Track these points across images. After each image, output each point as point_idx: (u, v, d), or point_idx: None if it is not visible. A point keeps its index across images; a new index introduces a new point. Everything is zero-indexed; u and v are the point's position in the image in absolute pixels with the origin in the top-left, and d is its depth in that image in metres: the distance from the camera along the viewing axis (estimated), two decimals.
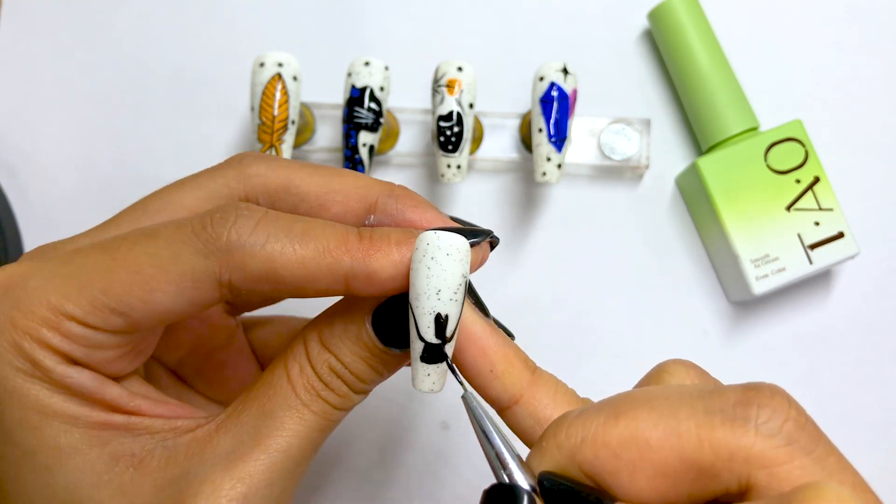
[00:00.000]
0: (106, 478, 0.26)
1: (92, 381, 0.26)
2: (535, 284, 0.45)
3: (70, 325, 0.25)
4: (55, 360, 0.25)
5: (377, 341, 0.27)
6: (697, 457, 0.21)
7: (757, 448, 0.21)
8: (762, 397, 0.21)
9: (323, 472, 0.44)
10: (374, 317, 0.27)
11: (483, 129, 0.45)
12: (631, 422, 0.22)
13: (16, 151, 0.46)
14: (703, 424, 0.21)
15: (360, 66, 0.39)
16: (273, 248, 0.25)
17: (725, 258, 0.43)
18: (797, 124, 0.43)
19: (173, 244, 0.25)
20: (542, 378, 0.27)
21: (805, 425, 0.21)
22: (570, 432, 0.23)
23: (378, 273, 0.25)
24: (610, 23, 0.47)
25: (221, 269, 0.25)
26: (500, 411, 0.27)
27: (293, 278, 0.25)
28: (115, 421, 0.26)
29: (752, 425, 0.21)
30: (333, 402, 0.27)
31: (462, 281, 0.25)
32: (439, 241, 0.25)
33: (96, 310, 0.25)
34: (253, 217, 0.26)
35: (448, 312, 0.25)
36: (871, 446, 0.44)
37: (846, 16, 0.47)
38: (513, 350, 0.27)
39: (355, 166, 0.39)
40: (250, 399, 0.27)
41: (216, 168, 0.30)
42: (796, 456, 0.21)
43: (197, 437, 0.27)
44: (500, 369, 0.27)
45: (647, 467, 0.22)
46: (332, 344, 0.27)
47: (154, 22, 0.47)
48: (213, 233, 0.25)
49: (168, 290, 0.25)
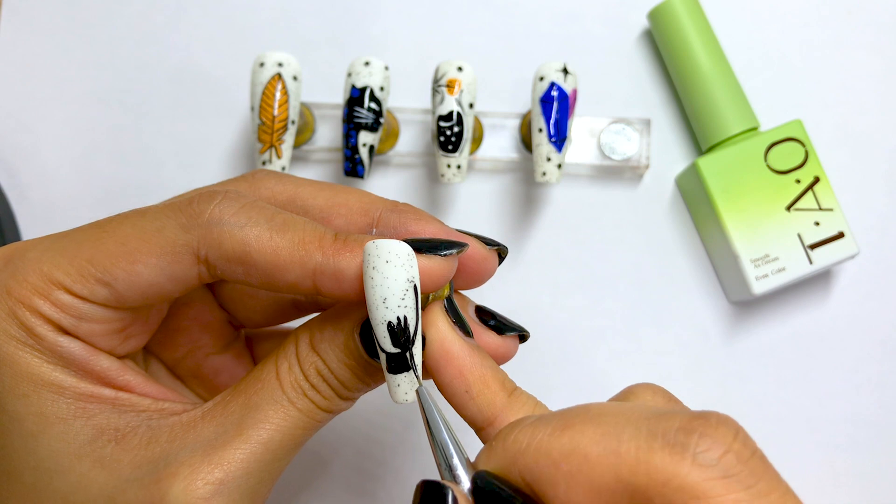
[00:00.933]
0: (88, 449, 0.26)
1: (82, 350, 0.27)
2: (534, 284, 0.45)
3: (60, 293, 0.26)
4: (46, 328, 0.26)
5: (363, 351, 0.27)
6: (633, 479, 0.21)
7: (691, 477, 0.20)
8: (706, 426, 0.21)
9: (316, 472, 0.44)
10: (363, 328, 0.27)
11: (483, 129, 0.45)
12: (575, 435, 0.22)
13: (16, 151, 0.46)
14: (642, 448, 0.21)
15: (360, 66, 0.39)
16: (251, 231, 0.26)
17: (725, 258, 0.43)
18: (797, 124, 0.43)
19: (159, 218, 0.26)
20: (518, 400, 0.27)
21: (749, 459, 0.21)
22: (518, 437, 0.23)
23: (344, 272, 0.26)
24: (610, 23, 0.47)
25: (200, 244, 0.26)
26: (477, 431, 0.27)
27: (264, 264, 0.26)
28: (103, 394, 0.27)
29: (689, 453, 0.21)
30: (319, 402, 0.28)
31: (408, 286, 0.25)
32: (378, 250, 0.25)
33: (83, 279, 0.26)
34: (238, 201, 0.27)
35: (399, 319, 0.25)
36: (870, 446, 0.44)
37: (846, 16, 0.47)
38: (490, 371, 0.27)
39: (355, 166, 0.39)
40: (238, 391, 0.28)
41: (233, 178, 0.31)
42: (732, 489, 0.20)
43: (182, 421, 0.27)
44: (476, 390, 0.27)
45: (584, 482, 0.22)
46: (320, 348, 0.28)
47: (154, 22, 0.47)
48: (196, 209, 0.26)
49: (149, 261, 0.26)
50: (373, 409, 0.44)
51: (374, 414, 0.44)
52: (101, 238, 0.26)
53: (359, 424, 0.44)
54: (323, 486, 0.44)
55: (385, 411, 0.44)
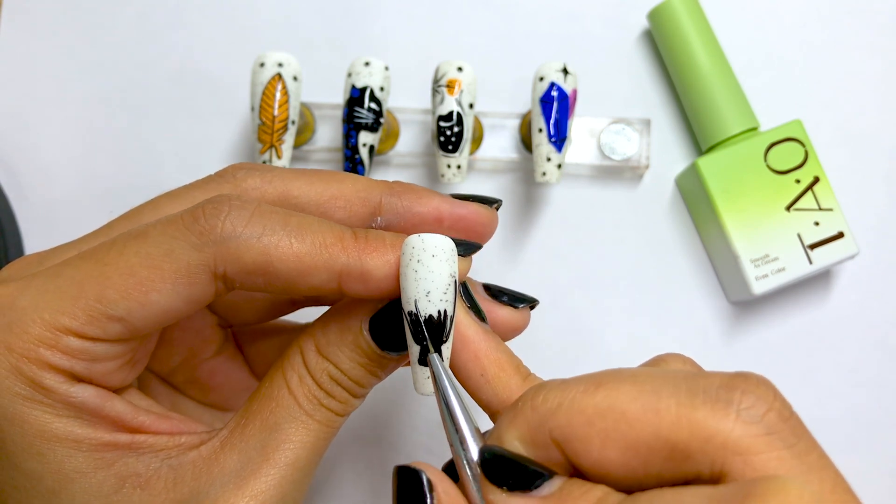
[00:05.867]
0: (114, 500, 0.25)
1: (95, 398, 0.25)
2: (534, 284, 0.45)
3: (69, 339, 0.24)
4: (58, 380, 0.25)
5: (374, 346, 0.27)
6: (673, 435, 0.21)
7: (735, 433, 0.20)
8: (748, 384, 0.21)
9: (326, 470, 0.44)
10: (371, 322, 0.27)
11: (483, 129, 0.45)
12: (611, 392, 0.22)
13: (16, 151, 0.46)
14: (683, 403, 0.21)
15: (360, 67, 0.39)
16: (269, 240, 0.25)
17: (725, 258, 0.43)
18: (797, 124, 0.43)
19: (165, 241, 0.25)
20: (533, 384, 0.27)
21: (789, 418, 0.21)
22: (549, 396, 0.23)
23: (373, 272, 0.25)
24: (610, 23, 0.47)
25: (217, 261, 0.25)
26: (491, 415, 0.27)
27: (288, 272, 0.25)
28: (119, 441, 0.26)
29: (733, 409, 0.21)
30: (336, 409, 0.27)
31: (451, 281, 0.26)
32: (424, 244, 0.25)
33: (94, 319, 0.24)
34: (247, 208, 0.25)
35: (439, 312, 0.25)
36: (871, 446, 0.44)
37: (846, 16, 0.47)
38: (505, 355, 0.27)
39: (355, 166, 0.39)
40: (252, 413, 0.27)
41: (209, 181, 0.29)
42: (775, 447, 0.20)
43: (203, 455, 0.26)
44: (491, 374, 0.27)
45: (620, 439, 0.21)
46: (329, 352, 0.27)
47: (154, 22, 0.47)
48: (206, 225, 0.25)
49: (164, 288, 0.25)
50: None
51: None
52: (105, 273, 0.25)
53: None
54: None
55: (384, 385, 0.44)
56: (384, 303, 0.27)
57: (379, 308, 0.27)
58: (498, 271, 0.45)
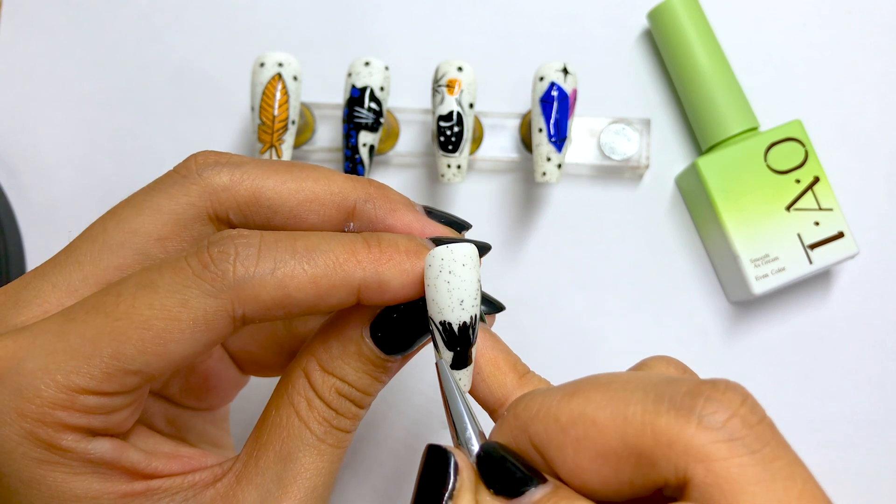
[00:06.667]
0: None
1: (112, 450, 0.25)
2: (534, 284, 0.45)
3: (85, 398, 0.24)
4: (75, 438, 0.24)
5: (379, 352, 0.27)
6: (638, 441, 0.21)
7: (697, 440, 0.20)
8: (714, 391, 0.21)
9: None
10: (372, 328, 0.27)
11: (483, 129, 0.45)
12: (583, 401, 0.22)
13: (16, 151, 0.46)
14: (649, 410, 0.21)
15: (360, 66, 0.39)
16: (283, 272, 0.24)
17: (725, 258, 0.43)
18: (797, 124, 0.43)
19: (177, 291, 0.24)
20: (530, 382, 0.27)
21: (755, 424, 0.21)
22: (528, 405, 0.24)
23: (390, 282, 0.25)
24: (610, 23, 0.47)
25: (234, 305, 0.24)
26: (490, 413, 0.27)
27: (306, 298, 0.25)
28: (136, 489, 0.26)
29: (695, 416, 0.21)
30: (346, 427, 0.27)
31: (478, 286, 0.26)
32: (454, 255, 0.25)
33: (110, 377, 0.24)
34: (253, 244, 0.25)
35: (471, 318, 0.26)
36: (871, 446, 0.44)
37: (846, 16, 0.47)
38: (502, 354, 0.27)
39: (355, 166, 0.39)
40: (263, 444, 0.27)
41: (172, 182, 0.27)
42: (737, 453, 0.20)
43: (220, 493, 0.26)
44: (487, 372, 0.27)
45: (591, 447, 0.22)
46: (335, 367, 0.27)
47: (154, 22, 0.47)
48: (217, 271, 0.24)
49: (182, 338, 0.24)
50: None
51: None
52: (118, 328, 0.24)
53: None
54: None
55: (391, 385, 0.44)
56: (381, 308, 0.27)
57: (377, 313, 0.27)
58: (498, 271, 0.45)
